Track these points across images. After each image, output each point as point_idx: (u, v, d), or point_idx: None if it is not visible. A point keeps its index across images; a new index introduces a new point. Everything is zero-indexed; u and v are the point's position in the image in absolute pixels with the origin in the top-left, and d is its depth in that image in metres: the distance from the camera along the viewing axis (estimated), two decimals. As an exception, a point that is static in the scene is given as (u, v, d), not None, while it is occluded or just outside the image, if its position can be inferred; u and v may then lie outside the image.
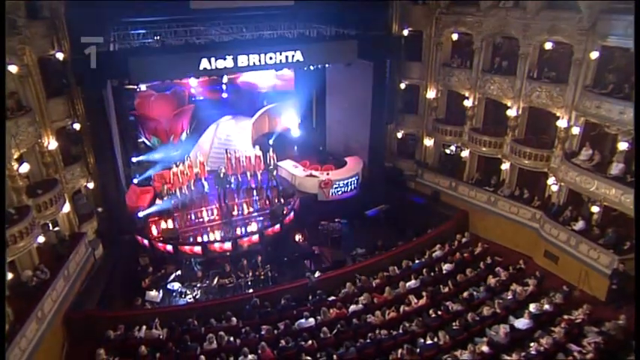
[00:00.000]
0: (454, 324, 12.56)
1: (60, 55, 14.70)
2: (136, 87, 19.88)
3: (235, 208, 19.10)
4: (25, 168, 13.03)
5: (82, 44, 14.71)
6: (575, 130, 15.54)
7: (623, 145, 13.94)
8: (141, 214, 18.02)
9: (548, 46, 16.10)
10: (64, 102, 15.27)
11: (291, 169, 21.22)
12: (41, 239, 13.32)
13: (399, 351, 11.40)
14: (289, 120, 25.88)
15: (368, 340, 11.94)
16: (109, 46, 15.96)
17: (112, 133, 16.71)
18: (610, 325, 12.23)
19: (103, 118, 16.01)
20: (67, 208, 15.12)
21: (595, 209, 14.96)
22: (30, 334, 11.33)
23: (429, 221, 18.84)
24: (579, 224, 15.33)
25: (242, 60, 16.80)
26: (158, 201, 18.98)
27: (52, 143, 14.54)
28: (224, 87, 25.50)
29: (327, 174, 20.37)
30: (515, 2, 16.44)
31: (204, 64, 16.32)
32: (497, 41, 17.77)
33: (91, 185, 16.63)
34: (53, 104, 14.79)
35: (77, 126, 15.73)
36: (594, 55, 14.47)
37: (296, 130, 25.98)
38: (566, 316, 12.82)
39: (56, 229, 14.88)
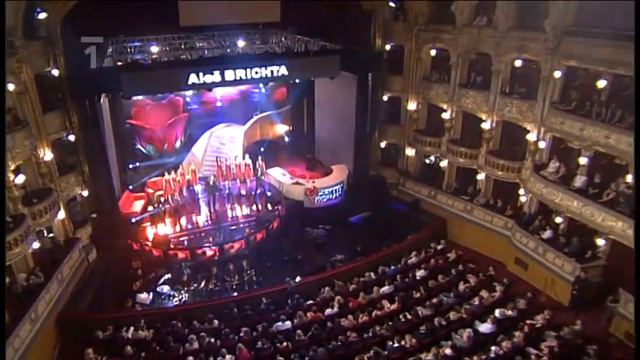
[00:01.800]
0: (421, 328, 13.17)
1: (56, 72, 15.45)
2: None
3: (224, 214, 19.79)
4: (20, 179, 13.76)
5: (77, 60, 15.61)
6: (542, 145, 16.15)
7: (583, 160, 14.60)
8: (134, 220, 18.75)
9: (519, 63, 16.73)
10: (60, 115, 16.01)
11: (279, 176, 21.87)
12: (36, 245, 14.06)
13: (365, 356, 12.05)
14: (280, 128, 26.61)
15: (339, 343, 12.60)
16: (103, 62, 16.78)
17: (105, 144, 17.42)
18: (567, 330, 12.89)
19: (96, 130, 16.73)
20: (62, 215, 15.86)
21: (559, 220, 15.61)
22: (23, 334, 12.02)
23: (410, 228, 19.47)
24: (547, 233, 15.95)
25: (229, 75, 17.46)
26: (151, 207, 19.70)
27: (47, 154, 15.27)
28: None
29: (313, 182, 21.02)
30: (488, 21, 17.08)
31: (192, 78, 16.98)
32: (473, 57, 18.37)
33: (85, 193, 17.33)
34: (49, 118, 15.53)
35: (72, 137, 16.45)
36: (558, 74, 15.10)
37: (287, 138, 26.70)
38: (528, 321, 13.42)
39: (51, 235, 15.58)
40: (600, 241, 14.32)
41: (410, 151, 21.19)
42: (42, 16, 14.62)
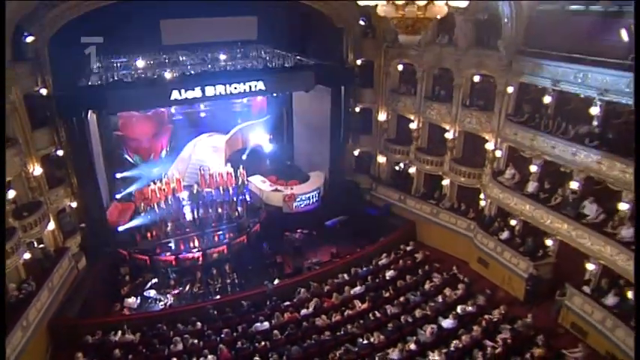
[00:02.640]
0: (389, 325, 13.76)
1: (44, 91, 15.64)
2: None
3: (208, 221, 20.17)
4: (11, 194, 14.00)
5: (64, 79, 15.88)
6: (499, 153, 16.91)
7: (534, 168, 15.40)
8: (121, 229, 19.02)
9: (477, 78, 17.48)
10: (48, 132, 16.16)
11: (259, 183, 22.32)
12: (27, 256, 14.31)
13: (337, 352, 12.62)
14: (261, 136, 27.03)
15: (313, 341, 13.13)
16: (89, 80, 17.06)
17: (93, 157, 17.66)
18: (520, 323, 13.64)
19: (84, 144, 16.94)
20: (51, 226, 16.02)
21: (513, 222, 16.38)
22: (15, 342, 12.20)
23: (381, 231, 20.06)
24: (505, 234, 16.69)
25: (209, 90, 17.96)
26: (137, 216, 19.98)
27: (37, 169, 15.43)
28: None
29: (291, 189, 21.53)
30: (449, 40, 17.76)
31: (174, 95, 17.45)
32: (436, 72, 19.02)
33: (74, 204, 17.49)
34: (38, 134, 15.68)
35: (60, 152, 16.63)
36: (510, 89, 15.88)
37: (267, 146, 27.14)
38: (486, 316, 14.15)
39: (41, 245, 15.71)
40: (549, 242, 15.14)
41: (381, 159, 21.81)
42: (29, 39, 14.80)
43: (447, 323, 13.85)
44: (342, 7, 19.25)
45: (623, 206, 12.57)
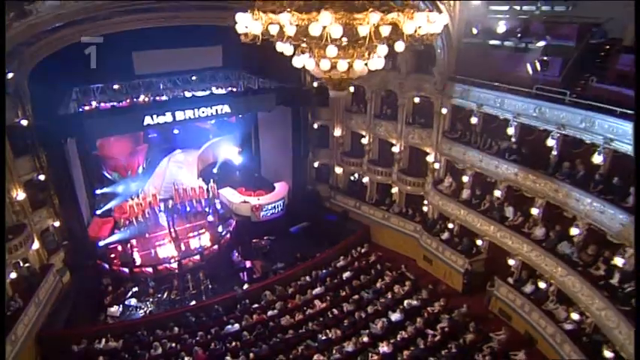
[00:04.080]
0: (345, 321, 14.71)
1: (25, 122, 15.85)
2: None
3: (182, 232, 20.68)
4: (-4, 220, 14.22)
5: (44, 109, 16.12)
6: (437, 165, 18.14)
7: (465, 178, 16.70)
8: (101, 243, 19.33)
9: (417, 99, 18.64)
10: (30, 158, 16.34)
11: (229, 195, 22.91)
12: (13, 275, 14.55)
13: (299, 348, 13.50)
14: (231, 150, 27.61)
15: (278, 339, 13.96)
16: (67, 109, 17.34)
17: (73, 179, 17.86)
18: (456, 312, 14.87)
19: (64, 168, 17.17)
20: (36, 245, 16.20)
21: (451, 225, 17.66)
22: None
23: (340, 235, 20.95)
24: (445, 235, 17.94)
25: (179, 115, 18.45)
26: (117, 230, 20.32)
27: (20, 195, 15.62)
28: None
29: (258, 199, 22.25)
30: (393, 65, 18.83)
31: (147, 120, 17.87)
32: (383, 94, 20.08)
33: (57, 224, 17.70)
34: (20, 162, 15.86)
35: (42, 177, 16.80)
36: (444, 110, 17.13)
37: (237, 158, 27.74)
38: (429, 308, 15.31)
39: (27, 265, 15.91)
40: (479, 242, 16.46)
41: (338, 170, 22.71)
42: (9, 75, 14.97)
43: (396, 317, 14.89)
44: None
45: (535, 210, 13.97)
